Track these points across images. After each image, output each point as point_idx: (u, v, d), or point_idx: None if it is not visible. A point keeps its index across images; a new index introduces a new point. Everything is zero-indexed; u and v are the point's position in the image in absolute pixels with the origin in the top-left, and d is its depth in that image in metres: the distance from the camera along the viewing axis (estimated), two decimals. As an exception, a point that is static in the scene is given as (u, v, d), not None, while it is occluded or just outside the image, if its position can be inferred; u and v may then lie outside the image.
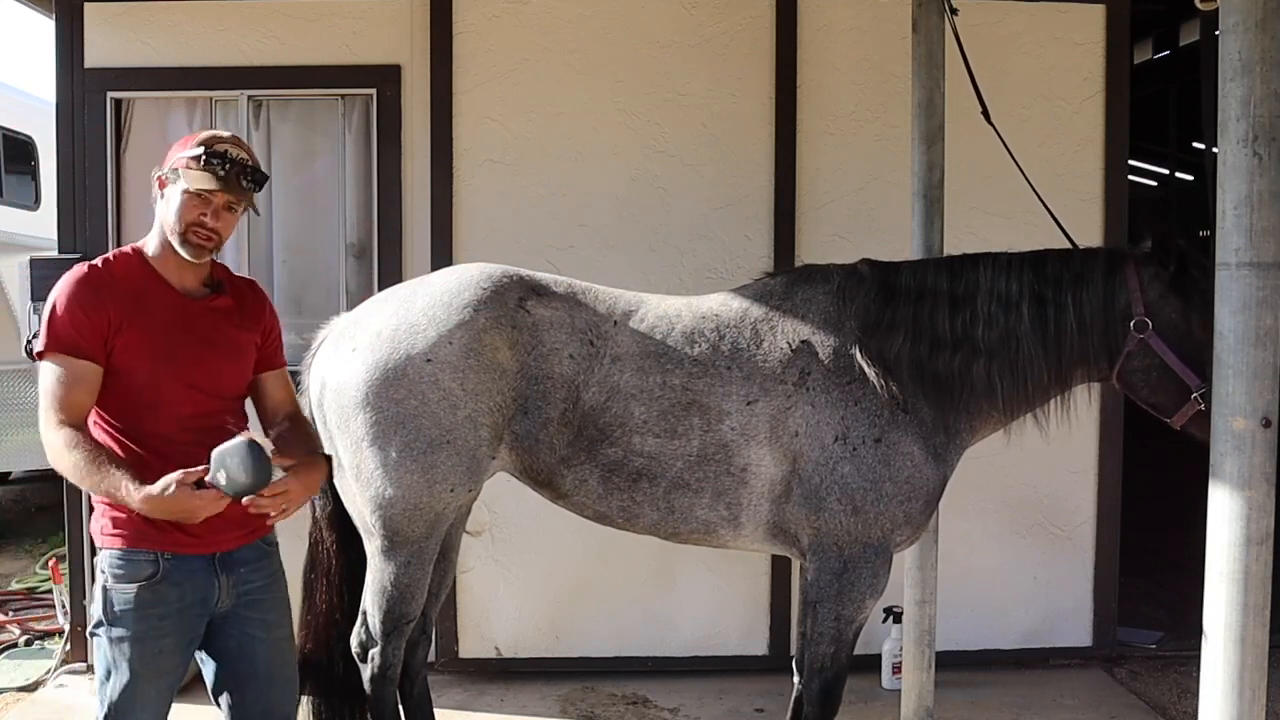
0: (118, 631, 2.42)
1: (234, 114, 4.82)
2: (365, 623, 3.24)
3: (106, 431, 2.46)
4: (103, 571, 2.46)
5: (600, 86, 4.80)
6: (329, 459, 2.68)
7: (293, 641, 2.76)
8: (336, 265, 4.92)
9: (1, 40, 27.03)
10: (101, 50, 4.81)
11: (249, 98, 4.83)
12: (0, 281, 7.03)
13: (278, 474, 2.32)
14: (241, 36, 4.81)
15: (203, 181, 2.44)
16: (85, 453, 2.32)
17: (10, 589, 6.34)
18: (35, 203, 8.48)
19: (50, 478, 7.95)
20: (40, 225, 7.78)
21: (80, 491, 4.80)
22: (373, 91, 4.80)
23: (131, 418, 2.45)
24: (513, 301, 3.11)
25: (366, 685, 3.25)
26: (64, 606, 5.01)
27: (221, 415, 2.53)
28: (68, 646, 4.92)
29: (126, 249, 2.58)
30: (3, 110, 8.20)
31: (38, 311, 4.88)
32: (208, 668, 2.63)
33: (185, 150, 2.49)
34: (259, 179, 2.54)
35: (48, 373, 2.40)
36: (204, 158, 2.45)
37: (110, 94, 4.81)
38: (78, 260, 4.66)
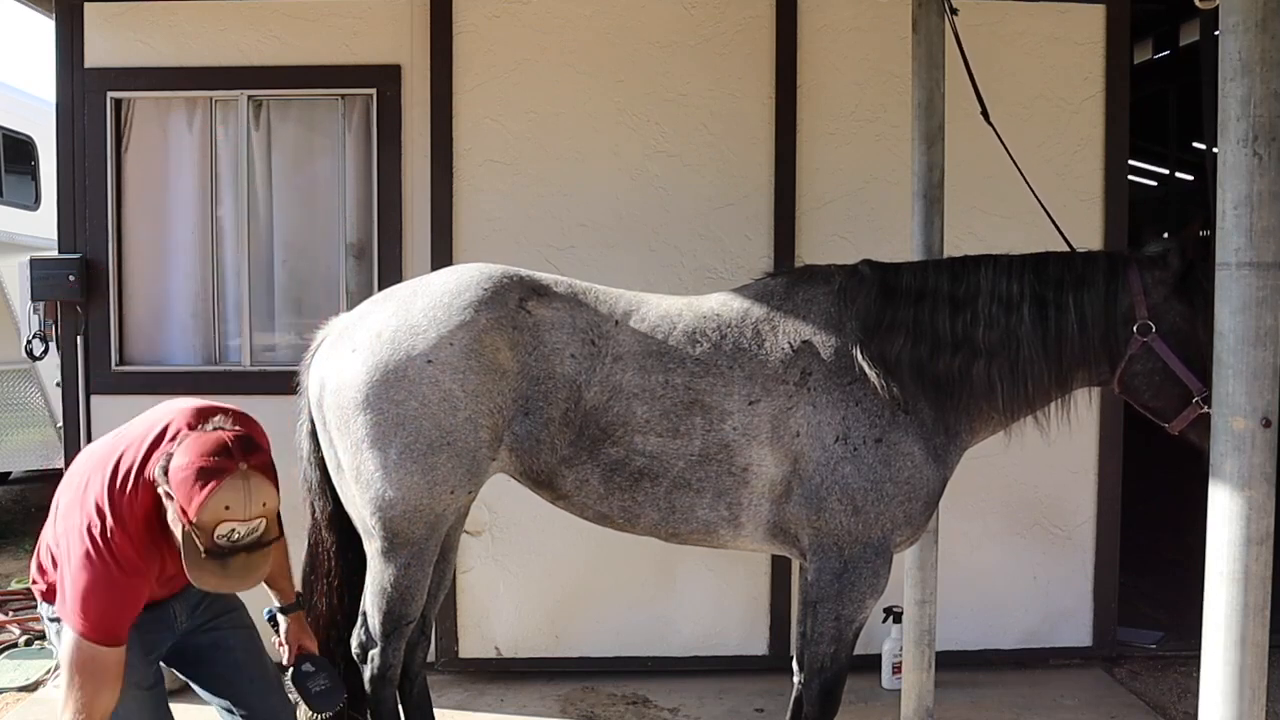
0: None
1: (234, 114, 4.82)
2: (365, 624, 3.24)
3: None
4: (53, 619, 2.60)
5: (600, 86, 4.80)
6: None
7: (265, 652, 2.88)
8: (336, 265, 4.92)
9: (1, 40, 27.03)
10: (101, 50, 4.82)
11: (249, 98, 4.84)
12: (0, 281, 7.03)
13: None
14: (241, 36, 4.81)
15: (207, 578, 2.42)
16: None
17: (10, 589, 6.33)
18: (35, 203, 8.48)
19: (50, 478, 7.95)
20: (40, 225, 7.78)
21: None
22: (373, 91, 4.81)
23: None
24: (513, 302, 3.10)
25: (366, 686, 3.24)
26: (64, 607, 5.00)
27: None
28: (68, 647, 4.92)
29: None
30: (3, 110, 8.20)
31: (38, 311, 4.88)
32: (195, 679, 2.69)
33: (193, 511, 2.38)
34: (266, 541, 2.47)
35: (80, 653, 2.46)
36: (206, 553, 2.39)
37: (110, 94, 4.82)
38: (78, 260, 4.76)
